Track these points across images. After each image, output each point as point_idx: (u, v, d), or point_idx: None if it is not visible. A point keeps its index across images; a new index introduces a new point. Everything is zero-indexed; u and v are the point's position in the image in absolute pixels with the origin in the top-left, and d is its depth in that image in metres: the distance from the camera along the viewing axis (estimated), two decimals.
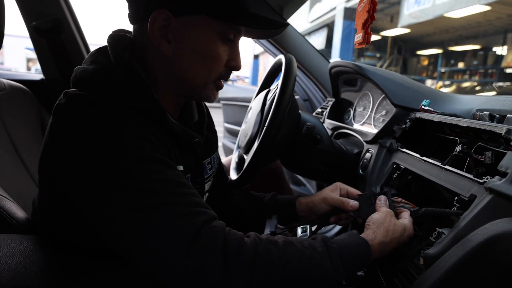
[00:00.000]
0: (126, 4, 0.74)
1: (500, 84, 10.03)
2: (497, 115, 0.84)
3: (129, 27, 0.77)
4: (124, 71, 0.67)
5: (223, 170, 1.11)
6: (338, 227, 1.68)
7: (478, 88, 10.85)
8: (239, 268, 0.57)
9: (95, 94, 0.65)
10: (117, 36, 0.74)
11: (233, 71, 0.80)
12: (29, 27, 1.48)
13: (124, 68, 0.68)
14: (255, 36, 0.83)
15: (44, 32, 1.46)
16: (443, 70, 12.99)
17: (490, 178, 0.65)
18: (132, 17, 0.73)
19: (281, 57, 1.05)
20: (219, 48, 0.73)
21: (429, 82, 12.73)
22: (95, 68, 0.69)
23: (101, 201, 0.59)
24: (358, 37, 0.75)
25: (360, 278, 0.75)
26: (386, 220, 0.77)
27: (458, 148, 0.75)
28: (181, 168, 0.75)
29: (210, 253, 0.57)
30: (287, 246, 0.63)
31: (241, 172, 1.00)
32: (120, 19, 0.84)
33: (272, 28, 0.75)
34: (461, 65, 12.22)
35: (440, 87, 12.00)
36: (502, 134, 0.67)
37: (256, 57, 17.05)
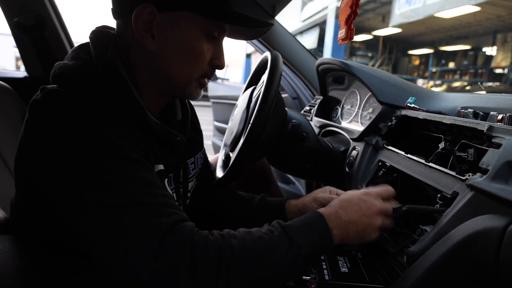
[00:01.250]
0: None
1: (490, 84, 10.16)
2: (481, 113, 0.84)
3: (114, 24, 0.76)
4: (104, 68, 0.66)
5: (210, 169, 1.10)
6: None
7: (468, 87, 10.98)
8: (206, 267, 0.56)
9: (73, 90, 0.64)
10: (100, 33, 0.73)
11: (217, 70, 0.79)
12: (10, 24, 1.44)
13: (105, 65, 0.66)
14: (240, 36, 0.82)
15: (26, 29, 1.43)
16: (434, 69, 13.11)
17: (472, 175, 0.64)
18: (116, 12, 0.72)
19: (267, 54, 1.04)
20: (203, 45, 0.72)
21: (420, 82, 12.84)
22: (75, 64, 0.67)
23: (73, 196, 0.58)
24: (341, 33, 0.75)
25: (344, 274, 0.75)
26: (348, 194, 0.77)
27: (442, 145, 0.74)
28: (161, 167, 0.74)
29: (178, 253, 0.56)
30: (247, 236, 0.63)
31: (227, 170, 0.99)
32: (106, 15, 0.83)
33: (257, 26, 0.75)
34: (451, 65, 12.35)
35: (431, 86, 12.12)
36: (484, 131, 0.67)
37: (248, 56, 17.04)
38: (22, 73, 1.61)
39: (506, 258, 0.51)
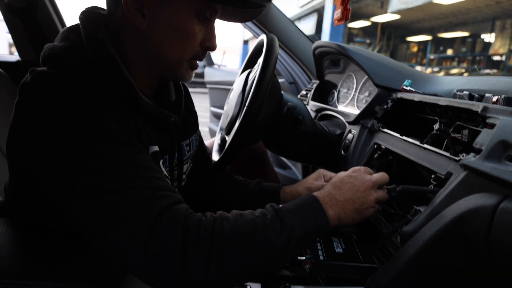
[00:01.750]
0: None
1: (487, 71, 10.13)
2: (477, 95, 0.84)
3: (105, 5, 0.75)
4: (94, 49, 0.65)
5: (206, 152, 1.10)
6: None
7: (465, 74, 10.95)
8: (198, 250, 0.56)
9: (63, 72, 0.63)
10: (89, 13, 0.72)
11: (209, 51, 0.78)
12: (1, 6, 1.41)
13: (95, 46, 0.66)
14: (233, 17, 0.81)
15: (17, 11, 1.40)
16: (432, 56, 13.06)
17: (466, 156, 0.65)
18: None
19: (263, 37, 1.03)
20: (195, 26, 0.71)
21: (418, 69, 12.78)
22: (64, 45, 0.66)
23: (64, 181, 0.58)
24: (337, 13, 0.74)
25: (338, 254, 0.76)
26: (338, 176, 0.78)
27: (436, 126, 0.75)
28: (156, 148, 0.73)
29: (170, 236, 0.56)
30: (238, 219, 0.63)
31: (222, 153, 0.99)
32: None
33: (249, 7, 0.74)
34: (450, 52, 12.30)
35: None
36: (479, 112, 0.67)
37: (245, 42, 16.89)
38: (15, 57, 1.59)
39: (496, 235, 0.52)
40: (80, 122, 0.59)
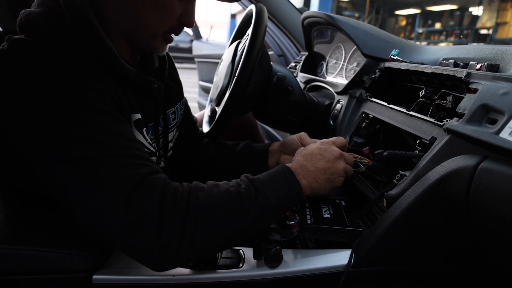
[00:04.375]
0: None
1: (474, 45, 10.16)
2: (461, 63, 0.86)
3: None
4: (72, 15, 0.64)
5: (192, 120, 1.11)
6: None
7: None
8: (174, 218, 0.58)
9: (41, 39, 0.62)
10: None
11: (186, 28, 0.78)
12: None
13: (73, 11, 0.64)
14: None
15: None
16: (420, 30, 13.00)
17: (449, 120, 0.67)
18: None
19: (252, 7, 1.02)
20: (174, 0, 0.70)
21: None
22: (41, 11, 0.65)
23: (41, 148, 0.58)
24: None
25: (326, 219, 0.79)
26: (307, 148, 0.81)
27: (422, 93, 0.77)
28: (138, 116, 0.73)
29: (147, 203, 0.57)
30: (213, 189, 0.64)
31: (213, 124, 1.00)
32: None
33: None
34: (438, 25, 12.26)
35: None
36: (462, 78, 0.69)
37: (233, 16, 16.54)
38: None
39: (475, 193, 0.55)
40: (60, 92, 0.59)
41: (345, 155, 0.82)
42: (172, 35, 0.77)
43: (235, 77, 0.91)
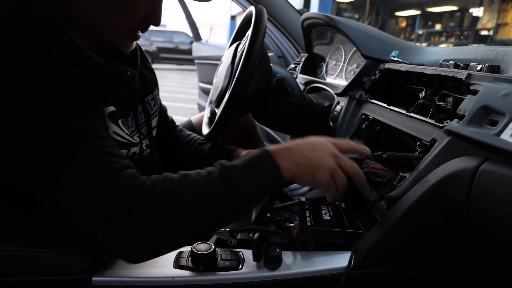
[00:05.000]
0: None
1: (475, 46, 10.17)
2: (462, 64, 0.86)
3: None
4: (35, 12, 0.64)
5: (162, 108, 1.12)
6: None
7: None
8: (140, 212, 0.58)
9: (5, 40, 0.61)
10: None
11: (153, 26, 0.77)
12: None
13: (35, 9, 0.64)
14: None
15: None
16: (420, 32, 13.02)
17: (450, 122, 0.67)
18: None
19: (251, 8, 1.02)
20: None
21: None
22: (2, 12, 0.64)
23: (13, 147, 0.59)
24: None
25: (326, 221, 0.78)
26: (306, 138, 0.73)
27: (422, 94, 0.76)
28: (112, 109, 0.73)
29: (114, 200, 0.57)
30: (183, 179, 0.62)
31: (213, 125, 1.00)
32: None
33: None
34: (438, 26, 12.28)
35: None
36: (463, 79, 0.69)
37: (233, 18, 16.57)
38: None
39: (476, 195, 0.54)
40: (28, 91, 0.59)
41: (342, 160, 0.71)
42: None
43: (235, 79, 0.91)
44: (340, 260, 0.72)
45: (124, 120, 0.78)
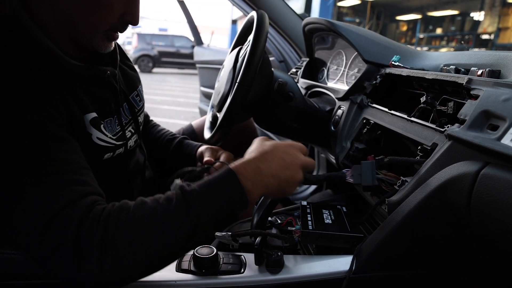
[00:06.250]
0: None
1: (476, 50, 10.18)
2: (463, 69, 0.86)
3: None
4: (2, 18, 0.63)
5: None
6: (313, 186, 1.72)
7: None
8: (89, 245, 0.54)
9: None
10: None
11: (131, 26, 0.76)
12: None
13: (2, 14, 0.63)
14: None
15: None
16: (421, 36, 13.05)
17: (451, 126, 0.67)
18: None
19: (253, 13, 1.03)
20: None
21: None
22: None
23: None
24: None
25: (327, 224, 0.79)
26: (271, 145, 0.70)
27: (423, 99, 0.77)
28: (93, 115, 0.72)
29: (63, 233, 0.54)
30: (138, 209, 0.58)
31: (215, 129, 1.00)
32: None
33: None
34: (439, 31, 12.30)
35: None
36: (464, 84, 0.69)
37: (234, 22, 16.62)
38: None
39: (476, 199, 0.55)
40: None
41: (306, 164, 0.71)
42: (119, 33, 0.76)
43: (237, 83, 0.92)
44: (342, 264, 0.72)
45: (109, 120, 0.78)
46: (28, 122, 0.59)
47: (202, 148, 1.07)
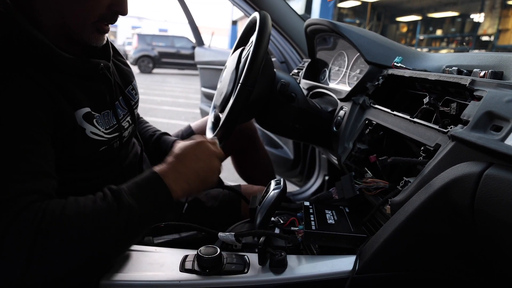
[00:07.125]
0: None
1: (476, 51, 10.18)
2: (465, 70, 0.86)
3: None
4: None
5: None
6: (315, 187, 1.73)
7: None
8: (18, 244, 0.53)
9: None
10: None
11: (120, 16, 0.76)
12: None
13: None
14: None
15: None
16: (421, 37, 13.07)
17: (454, 127, 0.67)
18: None
19: (256, 14, 1.03)
20: None
21: None
22: None
23: None
24: None
25: (330, 225, 0.79)
26: (181, 147, 0.76)
27: (426, 100, 0.77)
28: (86, 110, 0.73)
29: None
30: (69, 206, 0.58)
31: (217, 130, 1.01)
32: None
33: None
34: (439, 32, 12.33)
35: None
36: (467, 85, 0.69)
37: (234, 23, 16.64)
38: None
39: (480, 200, 0.55)
40: None
41: (217, 153, 0.78)
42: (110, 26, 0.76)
43: (239, 84, 0.92)
44: (345, 264, 0.72)
45: (106, 112, 0.78)
46: (4, 116, 0.60)
47: (179, 143, 1.07)
